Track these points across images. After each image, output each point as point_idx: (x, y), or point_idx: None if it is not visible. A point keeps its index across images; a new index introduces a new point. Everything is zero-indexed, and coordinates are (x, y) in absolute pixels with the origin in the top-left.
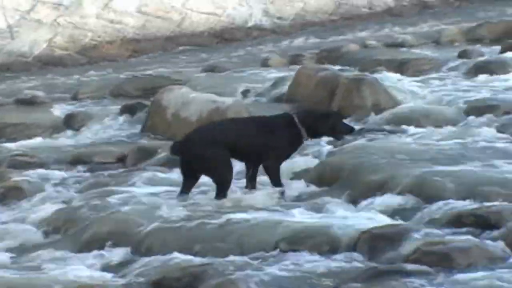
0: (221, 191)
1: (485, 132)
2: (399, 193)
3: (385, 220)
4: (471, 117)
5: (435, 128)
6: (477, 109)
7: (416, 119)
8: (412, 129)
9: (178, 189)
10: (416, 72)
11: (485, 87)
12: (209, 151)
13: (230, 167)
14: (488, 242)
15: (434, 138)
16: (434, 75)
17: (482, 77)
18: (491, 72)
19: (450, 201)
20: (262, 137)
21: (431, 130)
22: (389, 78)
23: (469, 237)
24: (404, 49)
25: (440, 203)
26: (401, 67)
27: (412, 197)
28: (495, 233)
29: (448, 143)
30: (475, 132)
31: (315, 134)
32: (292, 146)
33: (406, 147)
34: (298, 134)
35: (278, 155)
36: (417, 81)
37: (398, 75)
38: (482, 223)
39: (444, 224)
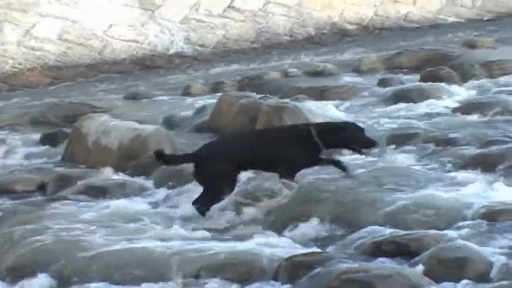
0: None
1: (404, 159)
2: (321, 221)
3: (306, 248)
4: (391, 145)
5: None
6: (397, 136)
7: None
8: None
9: (98, 215)
10: (336, 99)
11: (404, 114)
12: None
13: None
14: (408, 269)
15: (354, 165)
16: (354, 102)
17: (401, 105)
18: (410, 100)
19: (371, 228)
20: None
21: (351, 157)
22: (310, 106)
23: (390, 264)
24: (324, 77)
25: (361, 230)
26: (321, 94)
27: (333, 225)
28: (415, 260)
29: (368, 171)
30: (395, 160)
31: (332, 145)
32: (309, 157)
33: (329, 174)
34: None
35: (292, 166)
36: (338, 109)
37: (318, 103)
38: (402, 250)
39: (365, 251)
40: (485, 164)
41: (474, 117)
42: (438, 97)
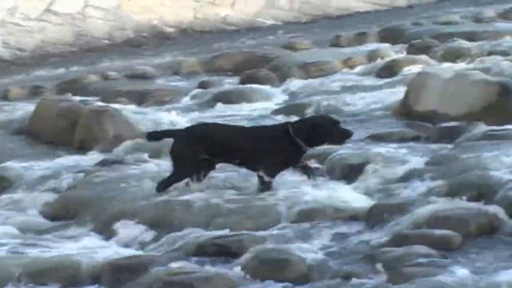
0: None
1: None
2: (142, 223)
3: (128, 251)
4: None
5: None
6: None
7: (159, 149)
8: (155, 160)
9: None
10: (157, 102)
11: (225, 117)
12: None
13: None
14: (230, 270)
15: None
16: (175, 105)
17: (221, 107)
18: (230, 102)
19: (193, 230)
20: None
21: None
22: (131, 109)
23: (212, 266)
24: (145, 80)
25: (184, 232)
26: (142, 98)
27: (156, 227)
28: (237, 261)
29: None
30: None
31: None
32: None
33: (147, 177)
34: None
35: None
36: (159, 112)
37: (139, 106)
38: (224, 251)
39: (188, 253)
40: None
41: (293, 118)
42: (258, 98)
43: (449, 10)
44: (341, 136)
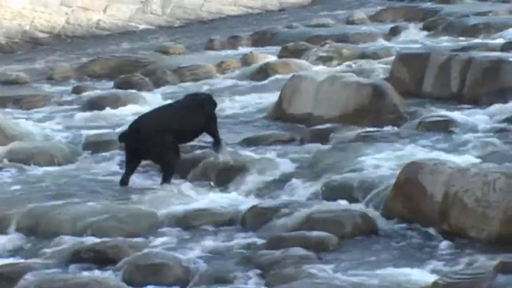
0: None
1: (103, 166)
2: (18, 230)
3: (4, 259)
4: (88, 152)
5: (50, 164)
6: (94, 144)
7: (31, 156)
8: (27, 166)
9: None
10: (31, 108)
11: (99, 121)
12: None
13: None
14: (107, 276)
15: (51, 175)
16: (49, 110)
17: (96, 112)
18: (105, 107)
19: (70, 237)
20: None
21: (47, 167)
22: (2, 115)
23: (89, 272)
24: (18, 86)
25: (61, 239)
26: (15, 103)
27: (31, 234)
28: (114, 267)
29: (65, 180)
30: (93, 168)
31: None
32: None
33: (21, 184)
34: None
35: None
36: (32, 118)
37: (12, 112)
38: (101, 258)
39: (65, 260)
40: (182, 169)
41: None
42: (132, 103)
43: (320, 13)
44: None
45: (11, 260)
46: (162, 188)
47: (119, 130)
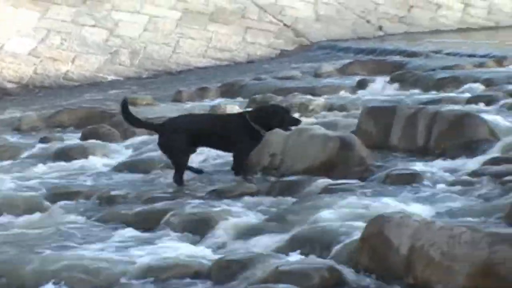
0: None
1: (69, 217)
2: None
3: None
4: (55, 203)
5: (16, 216)
6: (60, 194)
7: None
8: None
9: None
10: None
11: (66, 172)
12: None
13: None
14: None
15: (17, 226)
16: (15, 162)
17: (63, 163)
18: (72, 158)
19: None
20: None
21: (13, 218)
22: None
23: None
24: None
25: None
26: None
27: None
28: None
29: (31, 231)
30: (60, 218)
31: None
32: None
33: None
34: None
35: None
36: None
37: None
38: None
39: None
40: (149, 220)
41: (135, 175)
42: (100, 154)
43: (288, 65)
44: (294, 122)
45: None
46: (125, 239)
47: (85, 181)
